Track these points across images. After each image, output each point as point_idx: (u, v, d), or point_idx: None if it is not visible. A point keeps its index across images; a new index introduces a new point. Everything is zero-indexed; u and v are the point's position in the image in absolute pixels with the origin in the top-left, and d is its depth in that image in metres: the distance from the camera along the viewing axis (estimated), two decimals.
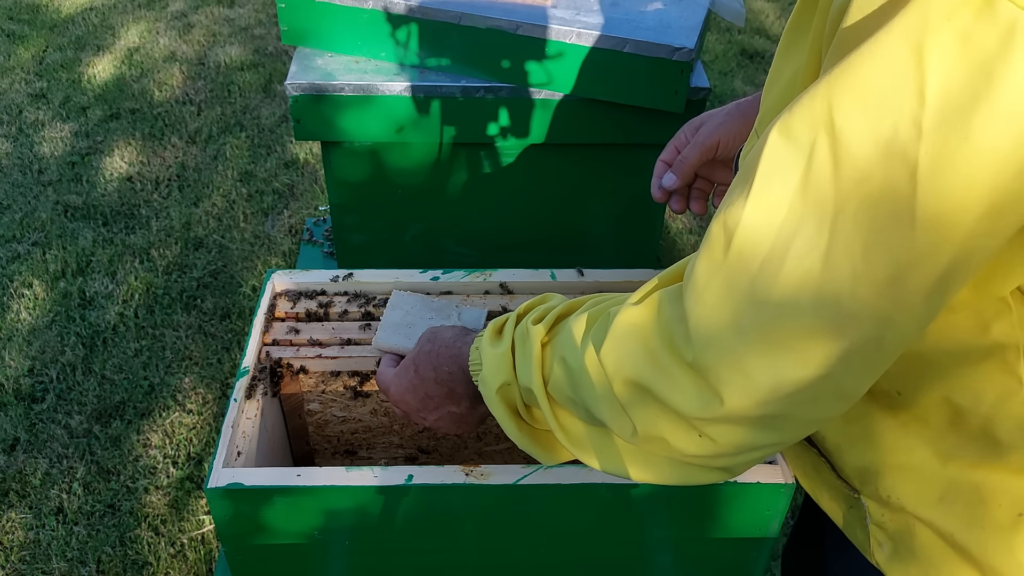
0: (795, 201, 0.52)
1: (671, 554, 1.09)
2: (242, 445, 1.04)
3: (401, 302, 1.20)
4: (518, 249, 2.05)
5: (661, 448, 0.64)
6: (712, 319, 0.55)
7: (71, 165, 2.98)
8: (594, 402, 0.66)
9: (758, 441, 0.60)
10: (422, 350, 0.89)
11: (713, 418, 0.58)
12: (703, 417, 0.58)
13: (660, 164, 1.10)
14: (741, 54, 3.69)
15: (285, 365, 1.18)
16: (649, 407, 0.62)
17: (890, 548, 0.77)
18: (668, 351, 0.59)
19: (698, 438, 0.61)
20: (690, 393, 0.58)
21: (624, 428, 0.65)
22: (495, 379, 0.77)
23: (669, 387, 0.59)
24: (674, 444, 0.62)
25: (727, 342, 0.55)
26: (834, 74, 0.51)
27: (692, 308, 0.57)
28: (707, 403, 0.57)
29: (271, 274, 1.25)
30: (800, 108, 0.52)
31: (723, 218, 0.55)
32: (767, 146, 0.53)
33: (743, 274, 0.54)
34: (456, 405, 0.87)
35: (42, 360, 2.24)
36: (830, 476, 0.82)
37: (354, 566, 1.08)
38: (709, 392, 0.57)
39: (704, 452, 0.62)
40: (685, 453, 0.63)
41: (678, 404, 0.59)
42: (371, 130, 1.82)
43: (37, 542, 1.83)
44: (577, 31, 1.66)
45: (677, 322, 0.58)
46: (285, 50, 3.65)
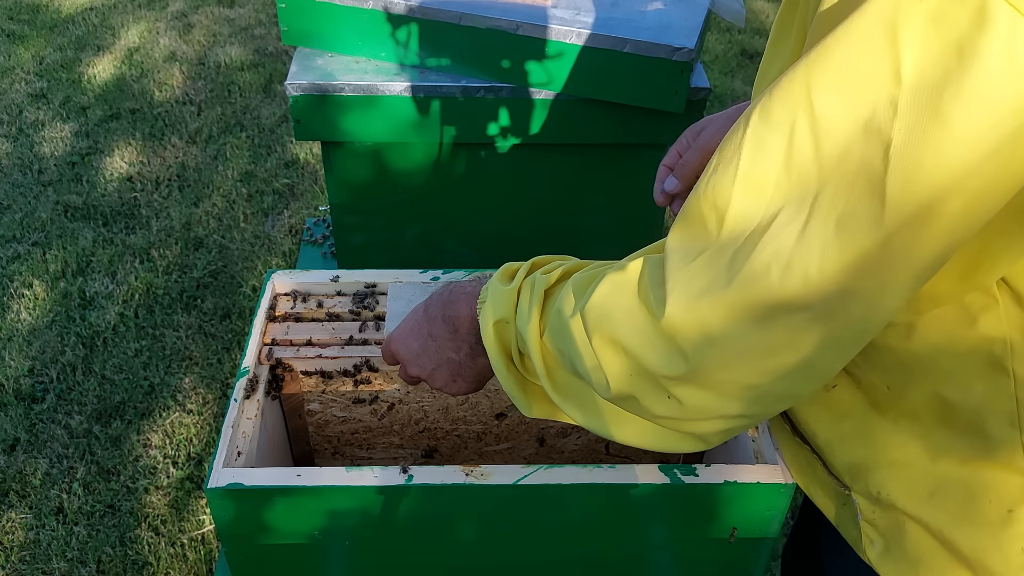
0: (780, 180, 0.53)
1: (671, 554, 1.09)
2: (242, 445, 1.04)
3: (401, 293, 1.21)
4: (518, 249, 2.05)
5: (633, 407, 0.66)
6: (690, 285, 0.58)
7: (71, 165, 2.98)
8: (577, 357, 0.68)
9: (723, 409, 0.62)
10: (437, 292, 0.88)
11: (678, 377, 0.60)
12: (669, 375, 0.61)
13: (663, 169, 1.11)
14: (741, 54, 3.69)
15: (285, 365, 1.18)
16: (622, 363, 0.64)
17: (881, 545, 0.77)
18: (643, 311, 0.62)
19: (667, 399, 0.63)
20: (660, 351, 0.60)
21: (600, 384, 0.67)
22: (494, 313, 0.77)
23: (641, 344, 0.61)
24: (644, 403, 0.65)
25: (700, 308, 0.57)
26: (811, 57, 0.51)
27: (671, 273, 0.59)
28: (674, 362, 0.60)
29: (271, 274, 1.26)
30: (779, 91, 0.53)
31: (711, 197, 0.57)
32: (749, 128, 0.55)
33: (728, 248, 0.56)
34: (456, 351, 0.85)
35: (42, 360, 2.24)
36: (823, 473, 0.82)
37: (354, 566, 1.08)
38: (676, 352, 0.59)
39: (672, 414, 0.64)
40: (654, 414, 0.65)
41: (648, 361, 0.61)
42: (371, 130, 1.82)
43: (37, 542, 1.83)
44: (577, 31, 1.66)
45: (656, 285, 0.61)
46: (285, 50, 3.65)
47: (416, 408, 1.25)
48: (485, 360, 0.84)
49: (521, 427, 1.28)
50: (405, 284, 1.23)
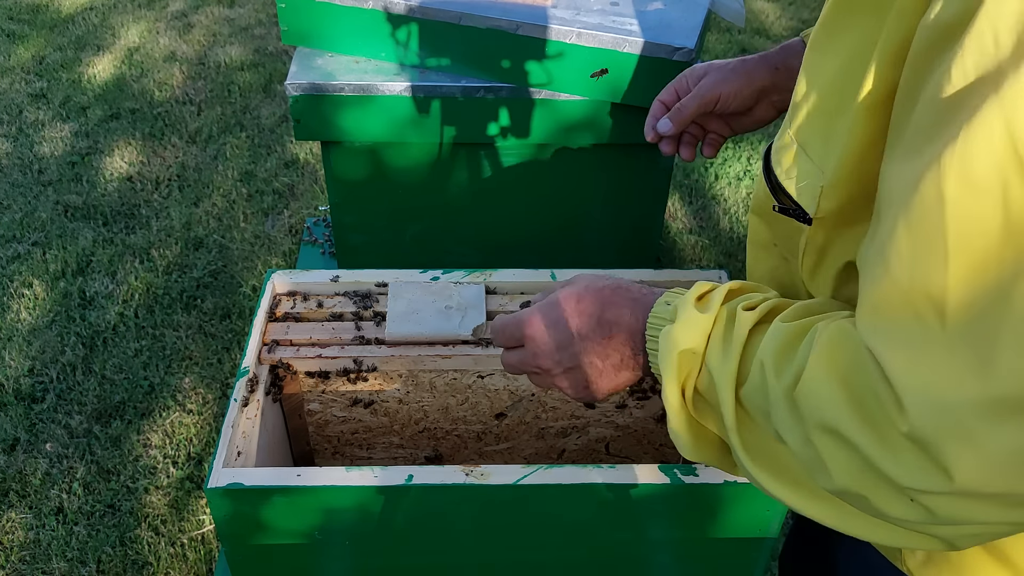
0: (1004, 251, 0.46)
1: (671, 554, 1.09)
2: (242, 445, 1.04)
3: (401, 292, 1.22)
4: (518, 249, 2.05)
5: (860, 504, 0.56)
6: (932, 389, 0.49)
7: (71, 165, 2.99)
8: (787, 431, 0.58)
9: (990, 517, 0.52)
10: (592, 285, 0.77)
11: (938, 492, 0.51)
12: (924, 490, 0.51)
13: (657, 104, 1.10)
14: (741, 54, 3.69)
15: (285, 365, 1.18)
16: (851, 462, 0.54)
17: (923, 555, 0.74)
18: (877, 412, 0.52)
19: (909, 502, 0.53)
20: (908, 464, 0.51)
21: (818, 474, 0.57)
22: (684, 340, 0.65)
23: (879, 451, 0.52)
24: (877, 504, 0.54)
25: (953, 412, 0.48)
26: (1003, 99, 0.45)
27: (900, 377, 0.50)
28: (930, 477, 0.50)
29: (271, 274, 1.26)
30: (973, 146, 0.46)
31: (921, 288, 0.50)
32: (948, 202, 0.48)
33: (964, 340, 0.48)
34: (603, 358, 0.75)
35: (42, 360, 2.24)
36: None
37: (354, 566, 1.08)
38: (932, 466, 0.50)
39: (915, 519, 0.54)
40: (889, 516, 0.55)
41: (891, 472, 0.52)
42: (371, 130, 1.82)
43: (37, 542, 1.83)
44: (577, 31, 1.66)
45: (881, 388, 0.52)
46: (285, 50, 3.65)
47: (416, 408, 1.25)
48: (629, 376, 0.76)
49: (521, 427, 1.28)
50: (405, 284, 1.24)
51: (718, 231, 2.68)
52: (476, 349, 1.17)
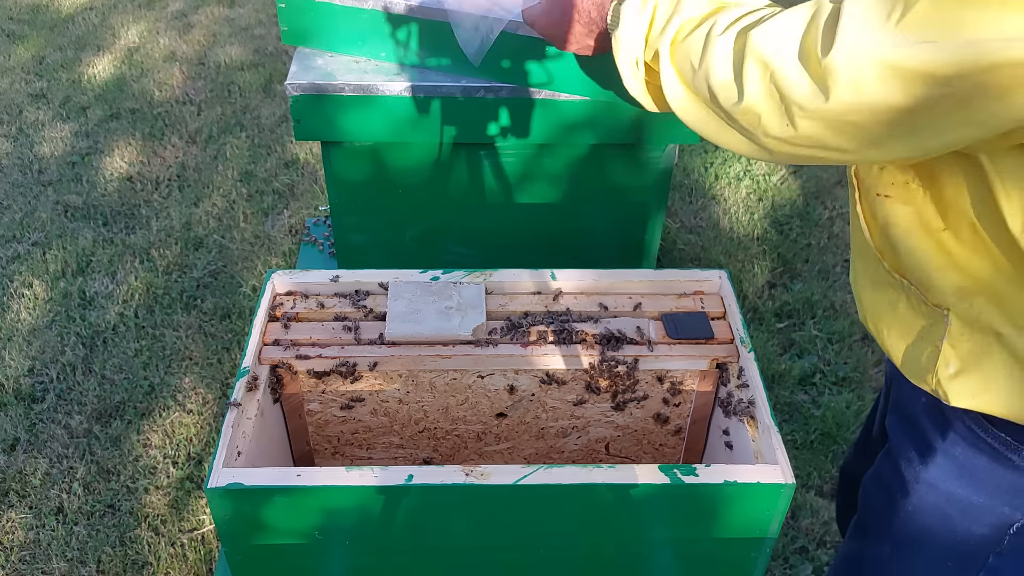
0: None
1: (671, 554, 1.09)
2: (242, 445, 1.04)
3: (401, 292, 1.22)
4: (518, 249, 2.05)
5: (750, 120, 0.79)
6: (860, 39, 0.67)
7: (71, 165, 2.99)
8: (714, 69, 0.82)
9: (827, 140, 0.74)
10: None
11: (809, 109, 0.72)
12: (803, 105, 0.73)
13: None
14: None
15: (285, 365, 1.18)
16: (764, 85, 0.76)
17: (957, 366, 0.85)
18: (804, 47, 0.72)
19: (785, 125, 0.75)
20: (806, 83, 0.72)
21: (730, 95, 0.80)
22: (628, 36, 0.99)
23: (791, 74, 0.73)
24: (764, 120, 0.77)
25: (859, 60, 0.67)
26: None
27: (845, 24, 0.68)
28: (814, 96, 0.71)
29: (271, 274, 1.26)
30: None
31: None
32: None
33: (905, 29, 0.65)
34: (590, 36, 1.13)
35: (42, 360, 2.24)
36: (906, 308, 0.89)
37: (354, 566, 1.08)
38: (821, 89, 0.71)
39: (782, 135, 0.77)
40: (766, 132, 0.78)
41: (790, 88, 0.73)
42: (371, 130, 1.82)
43: (37, 542, 1.83)
44: None
45: (828, 30, 0.70)
46: (285, 50, 3.65)
47: (416, 408, 1.25)
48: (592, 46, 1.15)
49: (521, 427, 1.28)
50: (405, 284, 1.24)
51: (718, 231, 2.68)
52: (476, 349, 1.17)
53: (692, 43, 0.86)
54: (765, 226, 2.70)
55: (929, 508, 0.95)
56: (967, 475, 0.91)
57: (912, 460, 0.96)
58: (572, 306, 1.24)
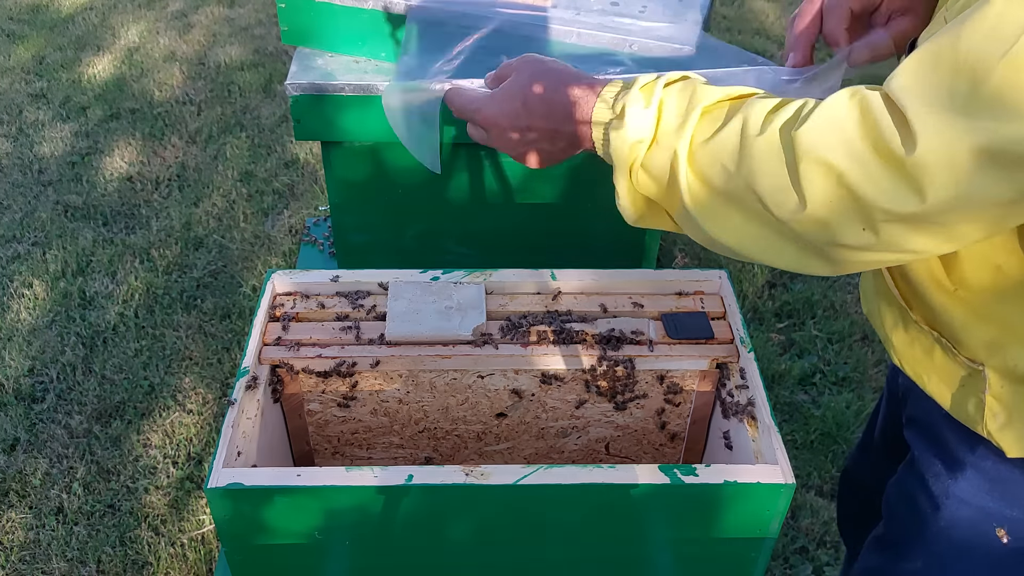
0: None
1: (671, 554, 1.09)
2: (242, 445, 1.04)
3: (401, 292, 1.22)
4: (518, 249, 2.05)
5: (816, 229, 0.69)
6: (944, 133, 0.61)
7: (71, 165, 2.99)
8: (762, 173, 0.70)
9: (910, 243, 0.67)
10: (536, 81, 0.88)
11: (902, 214, 0.64)
12: (893, 211, 0.64)
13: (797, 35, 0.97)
14: None
15: (286, 365, 1.18)
16: (831, 190, 0.67)
17: (1004, 418, 0.83)
18: (874, 146, 0.64)
19: (861, 231, 0.67)
20: (890, 187, 0.64)
21: (787, 202, 0.69)
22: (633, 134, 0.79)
23: (872, 177, 0.64)
24: (834, 228, 0.68)
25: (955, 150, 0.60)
26: None
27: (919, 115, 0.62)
28: (905, 199, 0.63)
29: (271, 274, 1.26)
30: None
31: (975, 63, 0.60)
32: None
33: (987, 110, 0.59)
34: (552, 143, 0.89)
35: (42, 360, 2.24)
36: (943, 357, 0.87)
37: (354, 566, 1.08)
38: (912, 190, 0.63)
39: (859, 244, 0.68)
40: (836, 240, 0.69)
41: (869, 194, 0.65)
42: (371, 130, 1.82)
43: (37, 542, 1.83)
44: (577, 31, 1.66)
45: (896, 121, 0.63)
46: (285, 50, 3.65)
47: (416, 408, 1.25)
48: (571, 152, 0.90)
49: (521, 427, 1.28)
50: (405, 284, 1.24)
51: None
52: (476, 349, 1.17)
53: (722, 144, 0.73)
54: None
55: (961, 523, 0.92)
56: (999, 489, 0.89)
57: (940, 474, 0.93)
58: (572, 306, 1.24)
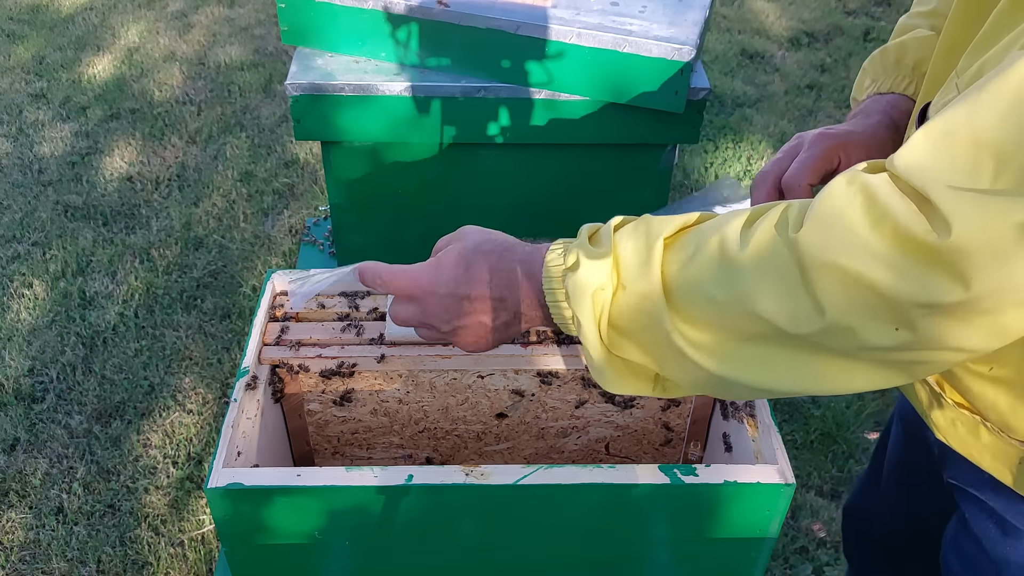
0: None
1: (671, 554, 1.09)
2: (242, 445, 1.04)
3: None
4: None
5: (842, 339, 0.61)
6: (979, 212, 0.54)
7: (71, 165, 2.99)
8: (761, 293, 0.61)
9: (955, 339, 0.58)
10: (480, 247, 0.79)
11: (944, 304, 0.56)
12: (934, 303, 0.56)
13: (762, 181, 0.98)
14: (741, 54, 3.69)
15: (286, 365, 1.18)
16: (849, 293, 0.58)
17: None
18: (894, 237, 0.57)
19: (894, 331, 0.58)
20: (919, 279, 0.56)
21: (802, 318, 0.61)
22: (593, 279, 0.68)
23: (891, 273, 0.57)
24: (861, 334, 0.59)
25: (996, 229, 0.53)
26: None
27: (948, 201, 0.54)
28: (948, 288, 0.55)
29: (271, 274, 1.26)
30: None
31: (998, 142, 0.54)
32: None
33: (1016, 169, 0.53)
34: (493, 318, 0.78)
35: (42, 360, 2.24)
36: (993, 439, 0.82)
37: (354, 566, 1.08)
38: (953, 278, 0.55)
39: (892, 344, 0.59)
40: (867, 344, 0.60)
41: (901, 290, 0.56)
42: (371, 130, 1.82)
43: (37, 542, 1.83)
44: (577, 31, 1.66)
45: (921, 206, 0.56)
46: (285, 50, 3.65)
47: (416, 408, 1.25)
48: (517, 328, 0.79)
49: (521, 427, 1.28)
50: None
51: None
52: None
53: (701, 272, 0.64)
54: None
55: None
56: None
57: (996, 540, 0.89)
58: None
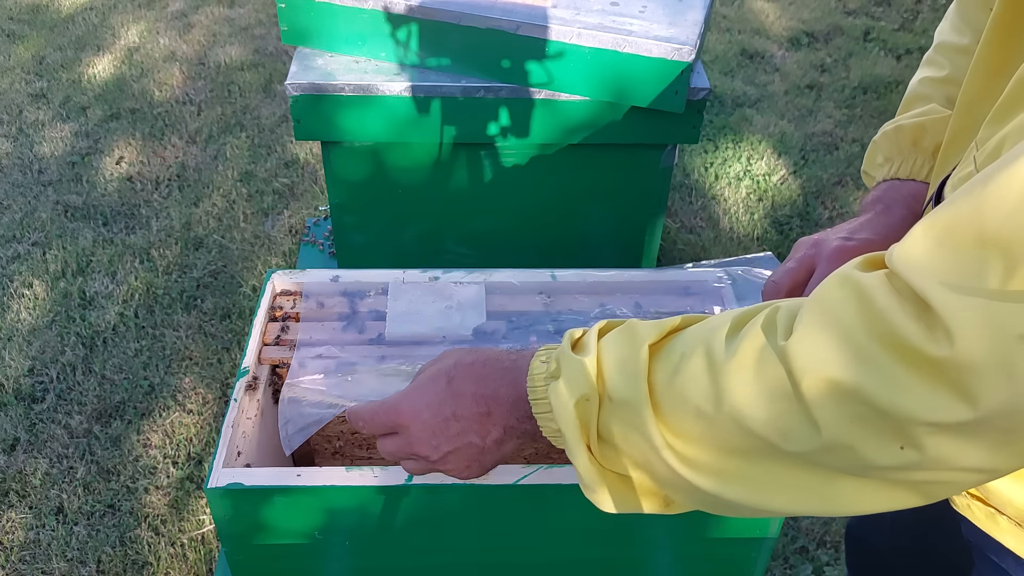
0: None
1: (671, 554, 1.09)
2: (242, 445, 1.04)
3: (401, 292, 1.22)
4: (518, 249, 2.05)
5: (843, 458, 0.55)
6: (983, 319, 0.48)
7: (71, 165, 2.99)
8: (752, 408, 0.56)
9: (967, 460, 0.51)
10: (461, 361, 0.75)
11: (950, 424, 0.50)
12: (938, 422, 0.50)
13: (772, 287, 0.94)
14: (741, 54, 3.69)
15: (286, 365, 1.18)
16: (846, 409, 0.53)
17: None
18: (891, 347, 0.51)
19: (899, 450, 0.52)
20: (921, 395, 0.50)
21: (797, 435, 0.55)
22: (573, 390, 0.63)
23: (891, 388, 0.51)
24: (863, 453, 0.53)
25: (1004, 342, 0.47)
26: None
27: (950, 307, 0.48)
28: (952, 406, 0.49)
29: (271, 274, 1.26)
30: None
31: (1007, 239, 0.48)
32: None
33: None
34: (483, 435, 0.73)
35: (42, 360, 2.24)
36: (1012, 526, 0.79)
37: (354, 566, 1.08)
38: (958, 395, 0.49)
39: (897, 464, 0.53)
40: (871, 464, 0.54)
41: (902, 406, 0.50)
42: (371, 130, 1.82)
43: (37, 542, 1.83)
44: (577, 31, 1.66)
45: (921, 314, 0.50)
46: (285, 50, 3.65)
47: None
48: (513, 445, 0.74)
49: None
50: (405, 284, 1.24)
51: (718, 231, 2.68)
52: None
53: (687, 383, 0.59)
54: (765, 226, 2.70)
55: None
56: None
57: None
58: (572, 306, 1.24)
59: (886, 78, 3.47)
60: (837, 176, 2.92)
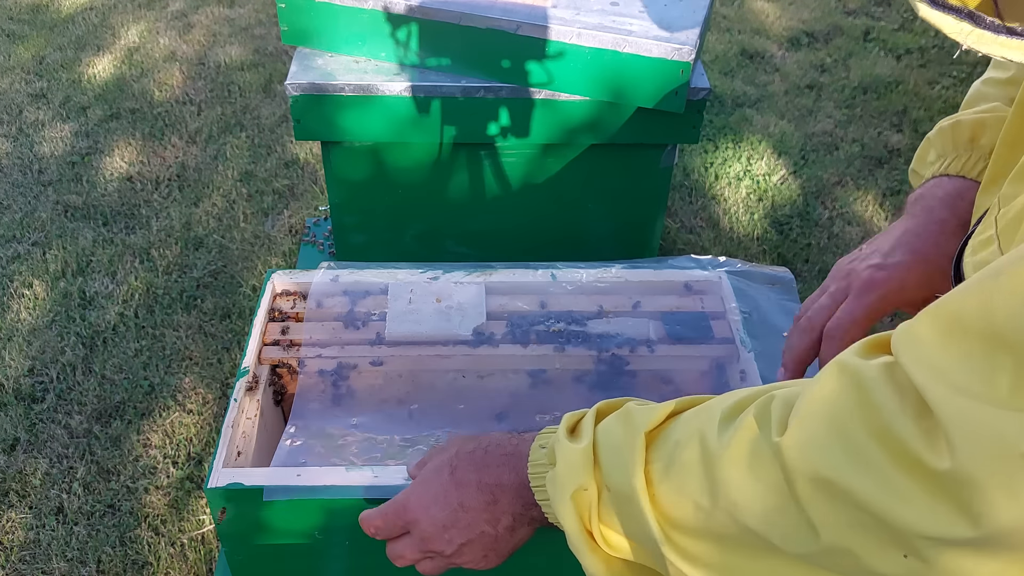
0: None
1: None
2: (242, 445, 1.04)
3: (401, 291, 1.22)
4: (518, 249, 2.05)
5: (845, 563, 0.51)
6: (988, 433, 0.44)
7: (71, 165, 2.99)
8: (748, 502, 0.53)
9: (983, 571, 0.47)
10: (462, 450, 0.74)
11: (951, 540, 0.46)
12: (939, 537, 0.46)
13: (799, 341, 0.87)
14: (741, 54, 3.69)
15: (285, 365, 1.18)
16: (844, 513, 0.49)
17: None
18: (888, 449, 0.47)
19: (902, 559, 0.48)
20: (925, 508, 0.46)
21: (795, 537, 0.52)
22: (571, 479, 0.62)
23: (889, 496, 0.47)
24: (864, 560, 0.50)
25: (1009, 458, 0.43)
26: None
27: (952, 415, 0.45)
28: (953, 522, 0.45)
29: (271, 274, 1.26)
30: None
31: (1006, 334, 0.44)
32: None
33: None
34: (494, 524, 0.72)
35: (42, 360, 2.24)
36: None
37: (354, 566, 1.08)
38: (958, 511, 0.45)
39: (902, 573, 0.49)
40: (874, 571, 0.50)
41: (901, 518, 0.47)
42: (371, 130, 1.82)
43: (37, 542, 1.83)
44: (577, 31, 1.66)
45: (913, 417, 0.47)
46: (285, 50, 3.65)
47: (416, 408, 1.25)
48: (526, 531, 0.73)
49: (521, 427, 1.28)
50: (405, 283, 1.24)
51: (718, 231, 2.68)
52: (476, 349, 1.17)
53: (683, 476, 0.57)
54: (765, 226, 2.70)
55: None
56: None
57: None
58: (572, 306, 1.24)
59: (886, 78, 3.47)
60: (837, 176, 2.92)
